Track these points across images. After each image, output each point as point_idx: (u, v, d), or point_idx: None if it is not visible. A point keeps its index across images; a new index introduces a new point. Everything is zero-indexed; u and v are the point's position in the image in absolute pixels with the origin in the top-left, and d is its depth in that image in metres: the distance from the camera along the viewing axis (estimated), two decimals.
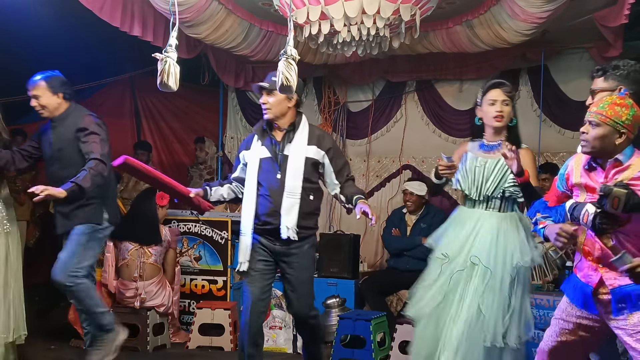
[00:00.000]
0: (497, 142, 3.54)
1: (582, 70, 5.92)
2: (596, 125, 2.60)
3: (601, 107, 2.62)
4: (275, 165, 3.64)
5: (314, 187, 3.69)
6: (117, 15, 4.83)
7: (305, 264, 3.70)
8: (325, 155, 3.67)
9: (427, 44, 5.59)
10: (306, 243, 3.68)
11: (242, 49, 5.53)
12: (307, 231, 3.68)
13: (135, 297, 5.06)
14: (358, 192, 3.67)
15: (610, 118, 2.58)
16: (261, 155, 3.68)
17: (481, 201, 3.52)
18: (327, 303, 5.47)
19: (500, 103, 3.51)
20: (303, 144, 3.64)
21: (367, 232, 6.64)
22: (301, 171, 3.60)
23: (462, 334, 3.36)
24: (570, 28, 5.25)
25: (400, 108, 6.76)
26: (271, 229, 3.61)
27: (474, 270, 3.43)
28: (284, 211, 3.56)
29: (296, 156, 3.62)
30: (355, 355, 4.80)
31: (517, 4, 4.54)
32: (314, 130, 3.75)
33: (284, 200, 3.57)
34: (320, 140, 3.68)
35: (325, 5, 4.34)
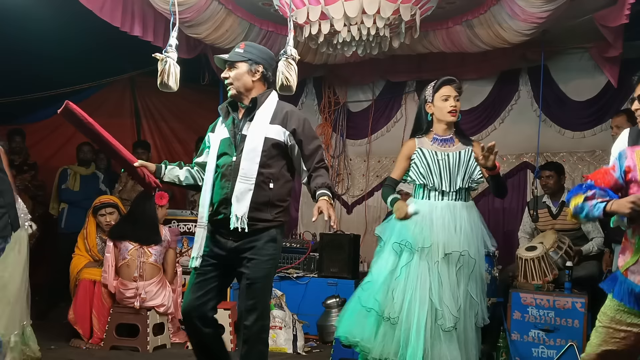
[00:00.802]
0: (449, 135, 3.81)
1: (582, 70, 5.93)
2: None
3: None
4: (232, 146, 3.22)
5: (276, 173, 3.20)
6: (117, 15, 4.83)
7: (260, 261, 3.15)
8: (291, 135, 3.20)
9: (427, 43, 5.59)
10: (263, 237, 3.16)
11: None
12: (263, 223, 3.16)
13: (135, 297, 5.06)
14: (323, 186, 3.15)
15: None
16: (222, 136, 3.28)
17: (451, 192, 3.72)
18: (327, 303, 5.47)
19: (453, 99, 3.75)
20: (265, 122, 3.20)
21: (367, 232, 6.64)
22: (258, 153, 3.14)
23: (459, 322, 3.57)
24: (570, 28, 5.25)
25: (401, 108, 6.75)
26: (222, 219, 3.18)
27: (460, 261, 3.63)
28: (235, 198, 3.12)
29: (254, 136, 3.17)
30: (355, 355, 4.79)
31: (517, 4, 4.54)
32: (283, 107, 3.27)
33: (236, 186, 3.13)
34: (287, 119, 3.21)
35: (325, 5, 4.34)
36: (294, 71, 3.64)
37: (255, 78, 3.25)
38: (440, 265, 3.64)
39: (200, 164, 3.40)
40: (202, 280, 3.23)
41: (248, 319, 3.13)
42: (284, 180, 3.24)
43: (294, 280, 5.87)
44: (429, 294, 3.59)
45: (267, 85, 3.32)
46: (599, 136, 5.83)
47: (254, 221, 3.13)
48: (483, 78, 6.26)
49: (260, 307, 3.17)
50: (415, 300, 3.61)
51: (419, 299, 3.60)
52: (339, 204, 6.93)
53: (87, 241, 5.47)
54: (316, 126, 6.98)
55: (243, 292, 3.17)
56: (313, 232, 6.56)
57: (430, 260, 3.65)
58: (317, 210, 3.05)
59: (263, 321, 3.18)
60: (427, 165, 3.78)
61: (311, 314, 5.56)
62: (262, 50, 3.35)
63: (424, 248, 3.66)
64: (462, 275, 3.65)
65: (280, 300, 5.34)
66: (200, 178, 3.41)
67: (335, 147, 6.95)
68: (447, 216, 3.71)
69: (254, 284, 3.15)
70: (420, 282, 3.63)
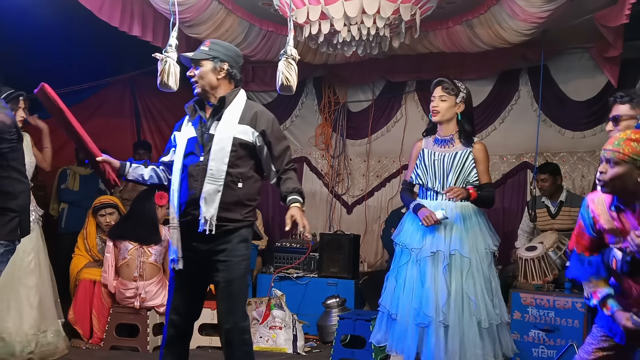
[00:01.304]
0: (449, 136, 3.87)
1: (582, 70, 5.94)
2: (615, 163, 2.47)
3: (617, 144, 2.48)
4: (199, 146, 3.16)
5: (244, 173, 3.14)
6: (117, 15, 4.82)
7: (234, 262, 3.11)
8: (260, 136, 3.15)
9: (427, 43, 5.59)
10: (234, 239, 3.11)
11: (242, 48, 5.50)
12: (233, 224, 3.11)
13: (135, 297, 5.05)
14: (293, 191, 3.11)
15: (629, 155, 2.45)
16: (188, 136, 3.21)
17: (444, 193, 3.78)
18: (327, 303, 5.48)
19: (437, 99, 3.84)
20: (233, 122, 3.14)
21: (367, 232, 6.65)
22: (227, 153, 3.09)
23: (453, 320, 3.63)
24: (570, 28, 5.24)
25: (401, 108, 6.76)
26: (190, 220, 3.10)
27: (452, 260, 3.71)
28: (203, 200, 3.06)
29: (222, 136, 3.11)
30: (355, 356, 4.80)
31: (517, 4, 4.54)
32: (252, 107, 3.23)
33: (204, 187, 3.07)
34: (256, 119, 3.16)
35: (325, 5, 4.34)
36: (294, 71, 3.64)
37: (221, 76, 3.20)
38: (425, 264, 3.74)
39: (167, 163, 3.35)
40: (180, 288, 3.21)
41: (228, 322, 3.09)
42: (253, 179, 3.19)
43: (294, 280, 5.88)
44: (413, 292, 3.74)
45: (234, 83, 3.27)
46: (599, 136, 5.82)
47: (223, 222, 3.08)
48: (483, 78, 6.27)
49: (239, 309, 3.13)
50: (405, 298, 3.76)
51: (406, 297, 3.76)
52: (339, 204, 6.93)
53: (87, 241, 5.47)
54: (316, 126, 6.98)
55: (220, 295, 3.13)
56: (313, 232, 6.57)
57: (420, 260, 3.76)
58: (290, 219, 3.02)
59: (243, 322, 3.13)
60: (424, 166, 3.88)
61: (311, 314, 5.56)
62: (228, 47, 3.31)
63: (416, 249, 3.78)
64: (453, 274, 3.70)
65: (280, 300, 5.33)
66: (165, 177, 3.37)
67: (335, 147, 6.95)
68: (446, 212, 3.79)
69: (230, 286, 3.11)
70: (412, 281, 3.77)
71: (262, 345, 5.18)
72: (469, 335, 3.64)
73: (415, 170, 3.93)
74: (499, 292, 3.84)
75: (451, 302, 3.66)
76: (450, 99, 3.84)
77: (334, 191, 6.93)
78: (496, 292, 3.80)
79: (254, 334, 5.28)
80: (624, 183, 2.47)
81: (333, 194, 6.93)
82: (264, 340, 5.21)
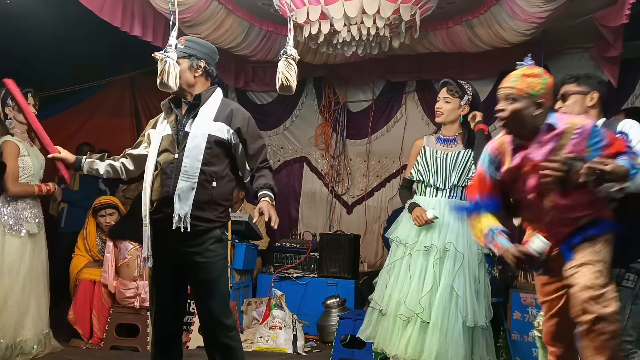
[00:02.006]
0: (452, 136, 3.95)
1: (581, 70, 5.88)
2: (513, 100, 2.64)
3: (513, 81, 2.67)
4: (174, 143, 3.12)
5: (219, 172, 3.12)
6: (117, 15, 4.83)
7: (211, 263, 3.09)
8: (235, 134, 3.13)
9: (427, 43, 5.60)
10: (209, 239, 3.08)
11: (242, 49, 5.53)
12: (207, 224, 3.07)
13: (135, 297, 5.05)
14: (265, 187, 3.08)
15: (525, 90, 2.63)
16: (163, 133, 3.18)
17: (445, 190, 3.88)
18: (327, 303, 5.48)
19: (441, 100, 3.92)
20: (208, 119, 3.12)
21: (367, 232, 6.65)
22: (201, 151, 3.06)
23: (437, 316, 3.69)
24: (570, 28, 5.25)
25: (401, 108, 6.75)
26: (163, 217, 3.06)
27: (445, 254, 3.77)
28: (177, 197, 3.02)
29: (197, 133, 3.09)
30: (355, 356, 4.80)
31: (517, 4, 4.54)
32: (228, 105, 3.22)
33: (178, 184, 3.04)
34: (231, 117, 3.14)
35: (325, 5, 4.34)
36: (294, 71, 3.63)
37: (198, 74, 3.21)
38: (417, 258, 3.81)
39: (134, 155, 3.32)
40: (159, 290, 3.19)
41: (213, 321, 3.09)
42: (227, 179, 3.17)
43: (294, 280, 5.88)
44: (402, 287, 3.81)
45: (211, 80, 3.26)
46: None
47: (196, 221, 3.04)
48: (483, 78, 6.25)
49: (223, 307, 3.12)
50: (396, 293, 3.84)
51: (396, 292, 3.84)
52: (339, 204, 6.93)
53: (87, 241, 5.47)
54: (316, 126, 6.99)
55: (202, 295, 3.12)
56: (313, 232, 6.58)
57: (413, 254, 3.85)
58: (258, 212, 2.99)
59: (227, 320, 3.11)
60: (426, 163, 3.95)
61: (311, 314, 5.56)
62: (204, 45, 3.31)
63: (411, 244, 3.86)
64: (444, 269, 3.77)
65: (280, 300, 5.33)
66: (123, 171, 3.34)
67: (335, 147, 6.95)
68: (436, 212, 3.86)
69: (212, 286, 3.10)
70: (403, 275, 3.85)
71: (262, 345, 5.18)
72: (453, 333, 3.68)
73: (416, 167, 4.00)
74: (488, 295, 3.88)
75: (436, 298, 3.71)
76: (454, 100, 3.89)
77: (334, 191, 6.93)
78: (485, 295, 3.83)
79: (255, 334, 5.28)
80: (522, 118, 2.63)
81: (333, 194, 6.93)
82: (264, 340, 5.21)
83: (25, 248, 4.53)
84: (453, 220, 3.82)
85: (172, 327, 3.23)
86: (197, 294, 3.15)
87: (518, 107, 2.64)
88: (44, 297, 4.69)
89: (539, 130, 2.69)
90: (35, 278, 4.60)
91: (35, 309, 4.58)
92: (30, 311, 4.54)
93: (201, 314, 3.16)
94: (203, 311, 3.14)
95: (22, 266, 4.50)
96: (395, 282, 3.89)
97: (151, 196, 3.12)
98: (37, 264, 4.64)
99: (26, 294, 4.51)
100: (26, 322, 4.51)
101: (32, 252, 4.59)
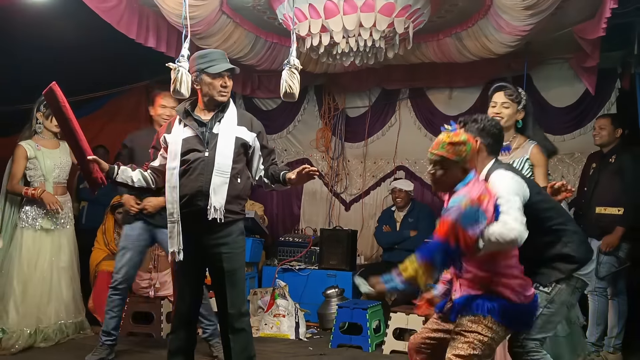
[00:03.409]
0: (506, 143, 3.42)
1: (562, 79, 5.93)
2: (441, 165, 2.62)
3: (441, 148, 2.62)
4: (202, 143, 3.16)
5: (242, 169, 3.21)
6: (133, 28, 4.83)
7: (236, 254, 3.16)
8: (256, 138, 3.25)
9: (419, 54, 5.59)
10: (234, 230, 3.17)
11: (249, 59, 5.53)
12: (234, 216, 3.15)
13: (149, 287, 5.06)
14: (284, 169, 3.27)
15: (452, 158, 2.60)
16: (184, 136, 3.19)
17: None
18: (326, 293, 5.48)
19: (499, 105, 3.45)
20: (233, 124, 3.21)
21: (363, 228, 6.65)
22: (231, 150, 3.14)
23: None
24: (551, 40, 5.24)
25: (395, 113, 6.75)
26: (196, 210, 3.08)
27: None
28: (212, 191, 3.07)
29: (226, 134, 3.16)
30: (352, 341, 4.81)
31: (502, 18, 4.54)
32: (244, 114, 3.35)
33: (212, 179, 3.08)
34: (252, 123, 3.27)
35: (326, 19, 4.34)
36: (296, 79, 3.64)
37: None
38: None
39: (157, 168, 3.33)
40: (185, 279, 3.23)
41: (233, 308, 3.14)
42: (246, 176, 3.26)
43: (296, 272, 5.89)
44: None
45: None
46: (578, 139, 5.84)
47: (227, 213, 3.10)
48: (471, 86, 6.26)
49: (241, 296, 3.20)
50: None
51: None
52: (338, 202, 6.93)
53: (105, 236, 5.48)
54: (317, 130, 6.99)
55: (223, 283, 3.14)
56: (314, 227, 6.58)
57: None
58: (302, 169, 3.10)
59: (243, 307, 3.20)
60: None
61: (312, 303, 5.57)
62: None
63: None
64: None
65: (284, 290, 5.34)
66: (153, 181, 3.36)
67: (334, 149, 6.95)
68: None
69: (234, 275, 3.15)
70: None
71: (267, 331, 5.19)
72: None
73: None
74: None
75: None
76: (512, 106, 3.47)
77: (333, 190, 6.93)
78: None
79: (260, 321, 5.28)
80: (449, 179, 2.62)
81: (332, 193, 6.92)
82: (268, 327, 5.21)
83: (41, 242, 4.55)
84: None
85: (190, 316, 3.27)
86: (218, 282, 3.18)
87: (447, 173, 2.63)
88: (69, 289, 4.69)
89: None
90: (58, 271, 4.59)
91: (56, 299, 4.59)
92: (52, 301, 4.55)
93: (220, 301, 3.19)
94: (222, 299, 3.17)
95: (39, 259, 4.51)
96: None
97: (180, 193, 3.11)
98: (62, 258, 4.63)
99: (46, 285, 4.52)
100: (48, 311, 4.52)
101: (53, 246, 4.59)
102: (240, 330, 3.15)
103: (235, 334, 3.15)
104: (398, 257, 5.61)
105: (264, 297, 5.59)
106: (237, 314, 3.15)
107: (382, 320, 5.03)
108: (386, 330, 4.74)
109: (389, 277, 2.54)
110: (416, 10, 4.44)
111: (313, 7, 4.35)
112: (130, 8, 4.76)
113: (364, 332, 4.75)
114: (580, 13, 4.65)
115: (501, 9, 4.44)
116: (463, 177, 2.63)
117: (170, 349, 3.25)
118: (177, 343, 3.24)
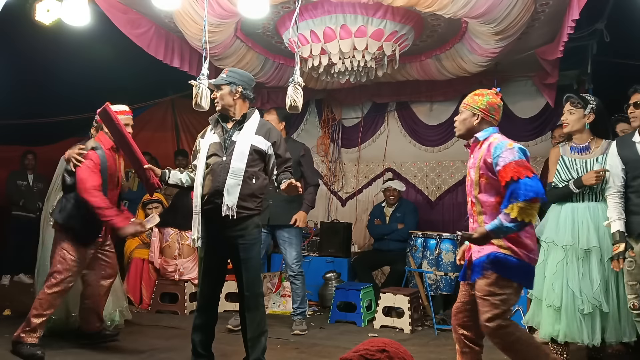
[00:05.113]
0: (585, 144, 3.43)
1: (526, 94, 5.94)
2: (460, 112, 2.78)
3: (466, 99, 2.79)
4: (223, 149, 3.17)
5: (257, 172, 3.17)
6: (161, 51, 4.85)
7: (251, 244, 3.15)
8: (272, 146, 3.21)
9: (405, 73, 5.60)
10: (249, 224, 3.15)
11: (259, 77, 5.54)
12: (248, 211, 3.12)
13: (175, 271, 5.07)
14: (284, 179, 3.16)
15: (469, 105, 2.75)
16: (211, 141, 3.22)
17: (589, 194, 3.37)
18: (326, 277, 5.48)
19: (566, 112, 3.46)
20: (251, 133, 3.18)
21: (357, 221, 6.65)
22: (246, 156, 3.12)
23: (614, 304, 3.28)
24: (517, 60, 5.26)
25: (384, 123, 6.75)
26: (213, 207, 3.10)
27: (599, 255, 3.30)
28: (226, 191, 3.08)
29: (243, 142, 3.14)
30: (348, 317, 4.82)
31: (475, 42, 4.56)
32: (265, 124, 3.28)
33: (227, 181, 3.08)
34: (268, 134, 3.22)
35: (325, 43, 4.36)
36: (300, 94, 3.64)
37: (236, 97, 3.22)
38: (582, 260, 3.31)
39: (194, 166, 3.33)
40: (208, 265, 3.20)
41: (248, 290, 3.14)
42: (262, 177, 3.22)
43: None
44: (571, 284, 3.31)
45: (249, 102, 3.28)
46: (540, 145, 5.85)
47: (241, 209, 3.09)
48: (448, 100, 6.27)
49: (256, 280, 3.18)
50: (570, 289, 3.33)
51: (569, 289, 3.32)
52: (335, 199, 6.93)
53: None
54: (317, 137, 6.99)
55: (241, 269, 3.14)
56: (315, 220, 6.58)
57: (573, 256, 3.33)
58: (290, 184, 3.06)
59: (259, 289, 3.18)
60: (568, 171, 3.42)
61: (313, 284, 5.57)
62: (242, 74, 3.32)
63: (568, 246, 3.34)
64: (603, 267, 3.29)
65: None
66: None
67: (332, 154, 6.96)
68: (587, 216, 3.34)
69: (249, 262, 3.14)
70: (570, 274, 3.33)
71: (275, 309, 5.19)
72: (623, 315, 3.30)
73: (558, 175, 3.45)
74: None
75: (608, 290, 3.28)
76: (578, 111, 3.39)
77: (331, 188, 6.94)
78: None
79: (269, 300, 5.29)
80: (464, 126, 2.75)
81: (330, 191, 6.93)
82: (276, 305, 5.22)
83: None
84: (601, 223, 3.30)
85: (213, 295, 3.26)
86: (237, 268, 3.18)
87: (462, 118, 2.77)
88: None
89: (474, 141, 2.73)
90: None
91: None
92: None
93: (238, 284, 3.19)
94: (240, 282, 3.17)
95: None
96: (564, 281, 3.33)
97: (202, 190, 3.13)
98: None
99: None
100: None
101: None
102: (255, 309, 3.15)
103: (251, 312, 3.16)
104: (386, 246, 5.69)
105: (272, 280, 5.60)
106: (251, 296, 3.15)
107: (373, 299, 5.04)
108: (376, 308, 4.75)
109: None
110: (402, 35, 4.45)
111: (314, 33, 4.37)
112: (158, 34, 4.78)
113: (357, 310, 4.75)
114: (541, 37, 4.67)
115: (474, 34, 4.45)
116: (476, 126, 2.71)
117: (195, 324, 3.25)
118: (201, 319, 3.24)
